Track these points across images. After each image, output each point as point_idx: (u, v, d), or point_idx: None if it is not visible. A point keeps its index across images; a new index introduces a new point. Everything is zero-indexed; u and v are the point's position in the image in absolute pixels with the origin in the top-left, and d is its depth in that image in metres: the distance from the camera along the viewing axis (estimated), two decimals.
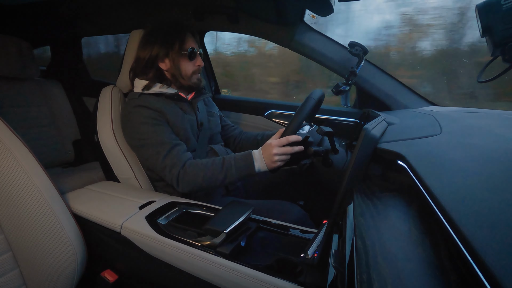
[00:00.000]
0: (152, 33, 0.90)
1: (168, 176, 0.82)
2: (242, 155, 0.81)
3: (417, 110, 0.99)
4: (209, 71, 1.57)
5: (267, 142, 0.80)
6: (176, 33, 0.89)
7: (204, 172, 0.79)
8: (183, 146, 0.86)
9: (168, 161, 0.81)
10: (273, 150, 0.76)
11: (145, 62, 0.89)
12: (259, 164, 0.79)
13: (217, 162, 0.81)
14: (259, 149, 0.81)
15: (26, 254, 0.70)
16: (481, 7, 0.52)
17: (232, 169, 0.79)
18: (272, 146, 0.77)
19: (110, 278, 0.77)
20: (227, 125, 1.16)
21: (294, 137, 0.77)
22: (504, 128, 0.54)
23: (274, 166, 0.78)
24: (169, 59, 0.89)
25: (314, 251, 0.49)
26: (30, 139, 1.41)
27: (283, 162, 0.78)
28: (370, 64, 1.13)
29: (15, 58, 1.31)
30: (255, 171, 0.79)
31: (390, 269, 0.26)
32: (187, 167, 0.81)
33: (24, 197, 0.68)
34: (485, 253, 0.21)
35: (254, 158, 0.79)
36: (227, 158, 0.81)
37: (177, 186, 0.81)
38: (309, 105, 0.81)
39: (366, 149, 0.51)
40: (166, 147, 0.82)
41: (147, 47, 0.89)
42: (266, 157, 0.78)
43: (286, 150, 0.77)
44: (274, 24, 1.16)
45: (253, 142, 1.09)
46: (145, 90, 0.89)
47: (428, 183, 0.34)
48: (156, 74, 0.91)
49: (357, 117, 1.21)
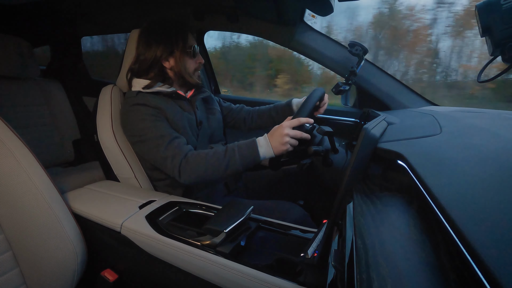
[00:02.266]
0: (154, 33, 0.88)
1: (170, 167, 0.80)
2: (246, 142, 0.79)
3: (417, 110, 0.99)
4: (209, 70, 1.57)
5: (276, 126, 0.78)
6: (179, 31, 0.88)
7: (206, 160, 0.77)
8: (183, 139, 0.85)
9: (169, 152, 0.80)
10: (285, 130, 0.74)
11: (151, 63, 0.88)
12: (264, 149, 0.76)
13: (219, 151, 0.79)
14: (264, 135, 0.79)
15: (26, 253, 0.70)
16: (481, 7, 0.52)
17: (235, 156, 0.77)
18: (284, 126, 0.75)
19: (110, 278, 0.77)
20: (231, 109, 1.14)
21: (305, 119, 0.77)
22: (504, 128, 0.54)
23: (283, 149, 0.75)
24: (174, 57, 0.88)
25: (314, 251, 0.49)
26: (30, 139, 1.41)
27: (291, 146, 0.76)
28: (370, 64, 1.13)
29: (15, 57, 1.31)
30: (260, 157, 0.77)
31: (390, 268, 0.26)
32: (189, 156, 0.79)
33: (24, 196, 0.68)
34: (485, 253, 0.21)
35: (258, 145, 0.77)
36: (230, 146, 0.79)
37: (179, 176, 0.79)
38: (316, 95, 0.83)
39: (366, 149, 0.51)
40: (166, 139, 0.81)
41: (151, 47, 0.87)
42: (275, 139, 0.75)
43: (296, 133, 0.75)
44: (274, 23, 1.16)
45: (268, 120, 1.09)
46: (143, 89, 0.88)
47: (427, 182, 0.34)
48: (159, 73, 0.90)
49: (357, 116, 1.21)
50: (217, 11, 1.21)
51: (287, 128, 0.75)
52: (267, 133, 0.79)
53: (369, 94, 1.13)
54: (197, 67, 0.94)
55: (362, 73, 1.10)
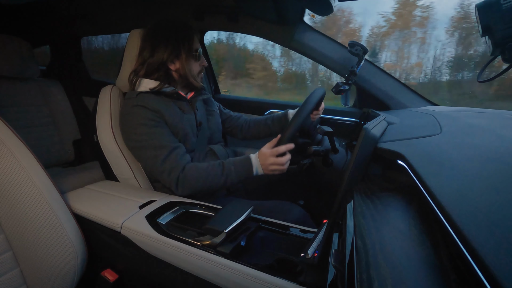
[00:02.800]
0: (162, 35, 0.87)
1: (167, 180, 0.82)
2: (241, 160, 0.84)
3: (417, 109, 0.99)
4: (209, 71, 1.58)
5: (262, 149, 0.83)
6: (187, 34, 0.88)
7: (205, 177, 0.81)
8: (182, 148, 0.86)
9: (167, 165, 0.81)
10: (269, 159, 0.80)
11: (158, 65, 0.87)
12: (256, 168, 0.83)
13: (217, 167, 0.82)
14: (255, 155, 0.83)
15: (26, 253, 0.70)
16: (480, 6, 0.52)
17: (232, 174, 0.82)
18: (267, 155, 0.80)
19: (110, 278, 0.77)
20: (230, 116, 1.15)
21: (289, 145, 0.80)
22: (504, 127, 0.54)
23: (273, 173, 0.82)
24: (180, 60, 0.88)
25: (314, 251, 0.49)
26: (30, 139, 1.41)
27: (280, 171, 0.82)
28: (370, 64, 1.13)
29: (15, 57, 1.31)
30: (253, 174, 0.83)
31: (390, 268, 0.26)
32: (186, 171, 0.81)
33: (24, 196, 0.68)
34: (485, 253, 0.21)
35: (252, 163, 0.83)
36: (226, 164, 0.83)
37: (176, 190, 0.82)
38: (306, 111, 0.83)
39: (366, 149, 0.51)
40: (164, 151, 0.82)
41: (159, 50, 0.86)
42: (263, 165, 0.82)
43: (282, 160, 0.80)
44: (274, 23, 1.16)
45: (264, 128, 1.11)
46: (146, 89, 0.88)
47: (428, 182, 0.34)
48: (165, 75, 0.89)
49: (357, 116, 1.21)
50: (217, 11, 1.21)
51: (271, 157, 0.80)
52: (258, 151, 0.84)
53: (369, 94, 1.13)
54: (201, 69, 0.94)
55: (362, 73, 1.10)
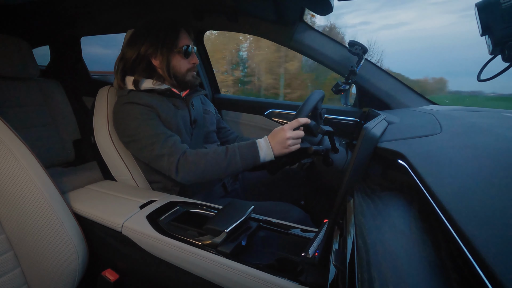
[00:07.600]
0: (142, 31, 0.89)
1: (166, 165, 0.78)
2: (246, 144, 0.79)
3: (417, 109, 0.99)
4: (209, 69, 1.57)
5: (276, 128, 0.79)
6: (169, 30, 0.88)
7: (207, 159, 0.77)
8: (178, 137, 0.84)
9: (166, 149, 0.78)
10: (287, 133, 0.75)
11: (132, 61, 0.88)
12: (265, 152, 0.77)
13: (219, 151, 0.78)
14: (264, 137, 0.79)
15: (27, 253, 0.70)
16: (480, 6, 0.52)
17: (236, 157, 0.77)
18: (285, 129, 0.76)
19: (111, 278, 0.77)
20: (225, 128, 1.14)
21: (304, 119, 0.77)
22: (504, 127, 0.55)
23: (285, 151, 0.76)
24: (159, 55, 0.87)
25: (315, 250, 0.49)
26: (30, 139, 1.41)
27: (295, 147, 0.77)
28: (370, 63, 1.13)
29: (14, 57, 1.31)
30: (260, 160, 0.77)
31: (391, 268, 0.26)
32: (188, 154, 0.78)
33: (24, 196, 0.68)
34: (486, 252, 0.21)
35: (259, 147, 0.77)
36: (230, 147, 0.79)
37: (176, 174, 0.77)
38: (314, 98, 0.83)
39: (367, 148, 0.51)
40: (161, 137, 0.80)
41: (135, 45, 0.87)
42: (278, 142, 0.76)
43: (299, 133, 0.76)
44: (274, 23, 1.16)
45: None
46: (135, 87, 0.88)
47: (428, 182, 0.34)
48: (147, 70, 0.89)
49: (357, 116, 1.21)
50: (217, 11, 1.21)
51: (289, 130, 0.76)
52: (268, 135, 0.79)
53: (369, 93, 1.13)
54: (191, 67, 0.92)
55: (362, 72, 1.10)
